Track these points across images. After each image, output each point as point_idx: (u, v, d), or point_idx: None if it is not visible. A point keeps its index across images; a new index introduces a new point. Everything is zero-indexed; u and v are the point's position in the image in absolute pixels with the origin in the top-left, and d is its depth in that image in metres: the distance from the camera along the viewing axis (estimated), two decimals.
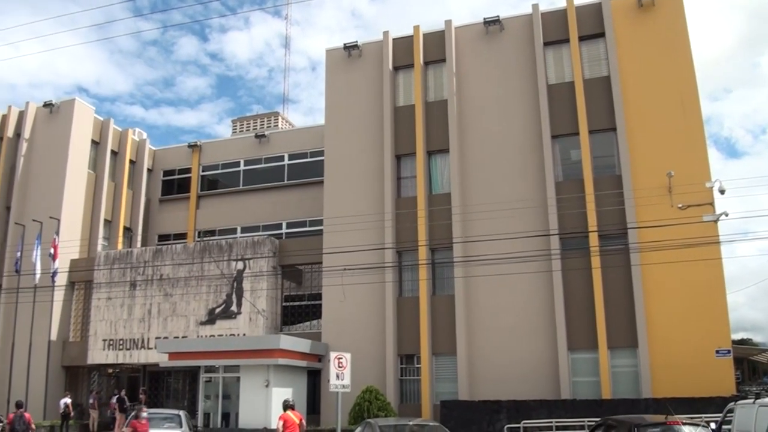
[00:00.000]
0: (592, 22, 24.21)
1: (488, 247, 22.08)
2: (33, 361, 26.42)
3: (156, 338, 26.93)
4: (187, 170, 34.31)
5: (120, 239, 32.44)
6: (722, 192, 19.75)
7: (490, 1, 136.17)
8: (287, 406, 13.56)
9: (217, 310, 26.84)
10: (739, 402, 12.01)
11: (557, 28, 24.62)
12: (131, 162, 34.15)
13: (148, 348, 27.17)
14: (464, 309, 23.23)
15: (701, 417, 15.45)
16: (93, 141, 32.42)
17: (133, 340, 27.80)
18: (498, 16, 25.35)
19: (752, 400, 11.07)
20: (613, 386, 21.26)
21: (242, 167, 33.08)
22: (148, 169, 34.70)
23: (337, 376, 16.63)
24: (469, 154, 24.64)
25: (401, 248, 24.67)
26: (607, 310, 21.73)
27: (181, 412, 18.99)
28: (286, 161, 32.00)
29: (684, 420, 11.25)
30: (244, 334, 25.71)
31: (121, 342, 27.98)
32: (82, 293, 30.14)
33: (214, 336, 26.08)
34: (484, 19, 25.32)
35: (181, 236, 33.17)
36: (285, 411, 13.45)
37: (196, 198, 33.76)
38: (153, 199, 34.88)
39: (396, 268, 24.43)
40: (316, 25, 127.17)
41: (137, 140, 34.75)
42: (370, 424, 14.93)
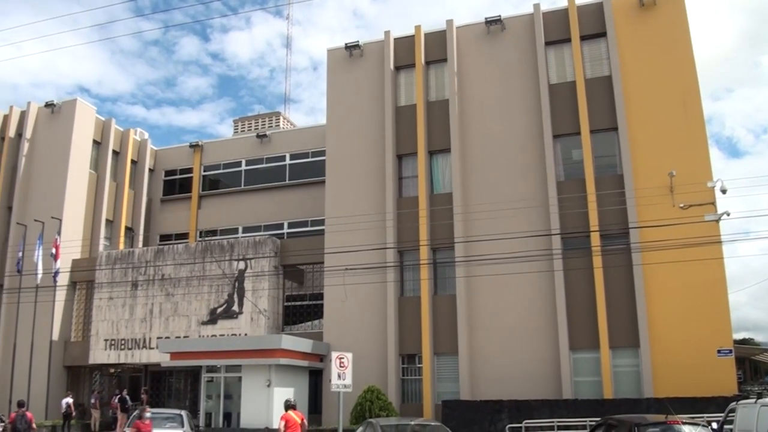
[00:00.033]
0: (594, 22, 24.20)
1: (490, 247, 22.06)
2: (35, 361, 26.45)
3: (158, 338, 26.98)
4: (189, 170, 34.34)
5: (121, 239, 32.49)
6: (724, 191, 19.71)
7: (491, 1, 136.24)
8: (289, 406, 13.54)
9: (219, 310, 26.87)
10: (740, 402, 12.04)
11: (559, 27, 24.61)
12: (133, 162, 34.20)
13: (150, 348, 27.22)
14: (466, 309, 23.22)
15: (703, 417, 15.45)
16: (95, 141, 32.47)
17: (135, 339, 27.83)
18: (499, 16, 25.35)
19: (754, 400, 11.10)
20: (615, 386, 21.26)
21: (244, 167, 33.10)
22: (149, 169, 34.74)
23: (339, 376, 16.62)
24: (470, 153, 24.63)
25: (403, 248, 24.67)
26: (608, 309, 21.72)
27: (183, 412, 19.04)
28: (288, 161, 32.01)
29: (684, 419, 11.25)
30: (246, 334, 25.73)
31: (122, 342, 28.02)
32: (83, 293, 30.20)
33: (215, 336, 26.10)
34: (486, 18, 25.31)
35: (183, 236, 33.19)
36: (287, 411, 13.43)
37: (198, 198, 33.78)
38: (154, 199, 34.91)
39: (397, 267, 24.43)
40: (318, 24, 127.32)
41: (139, 140, 34.79)
42: (371, 424, 14.92)
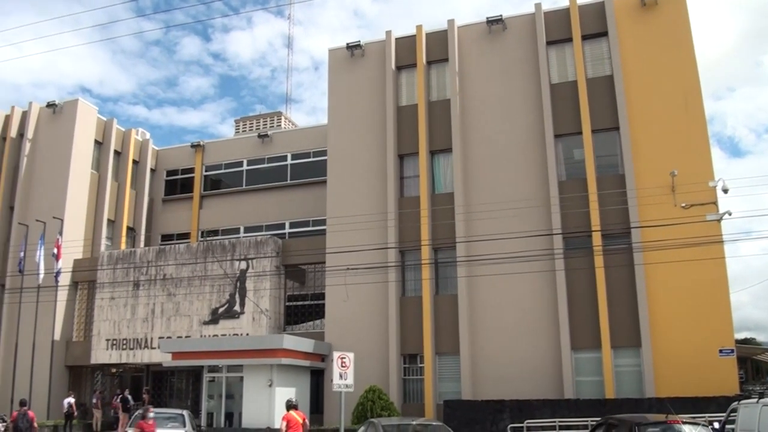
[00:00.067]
0: (595, 21, 24.18)
1: (491, 247, 22.05)
2: (36, 361, 26.46)
3: (159, 338, 27.00)
4: (190, 170, 34.35)
5: (123, 239, 32.51)
6: (725, 191, 19.70)
7: (492, 1, 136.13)
8: (290, 406, 13.55)
9: (221, 309, 26.89)
10: (742, 401, 12.03)
11: (560, 27, 24.59)
12: (134, 162, 34.22)
13: (152, 348, 27.25)
14: (467, 308, 23.22)
15: (704, 416, 15.44)
16: (96, 141, 32.49)
17: (137, 339, 27.86)
18: (501, 16, 25.33)
19: (756, 400, 11.08)
20: (617, 386, 21.25)
21: (245, 167, 33.11)
22: (151, 169, 34.77)
23: (341, 376, 16.62)
24: (471, 153, 24.62)
25: (404, 248, 24.67)
26: (610, 309, 21.71)
27: (185, 412, 19.08)
28: (289, 161, 32.02)
29: (685, 419, 11.24)
30: (248, 334, 25.74)
31: (124, 342, 28.04)
32: (85, 293, 30.23)
33: (217, 336, 26.11)
34: (487, 18, 25.30)
35: (184, 236, 33.21)
36: (288, 411, 13.45)
37: (199, 198, 33.80)
38: (156, 199, 34.93)
39: (399, 267, 24.44)
40: (319, 24, 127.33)
41: (140, 140, 34.82)
42: (373, 424, 14.92)
